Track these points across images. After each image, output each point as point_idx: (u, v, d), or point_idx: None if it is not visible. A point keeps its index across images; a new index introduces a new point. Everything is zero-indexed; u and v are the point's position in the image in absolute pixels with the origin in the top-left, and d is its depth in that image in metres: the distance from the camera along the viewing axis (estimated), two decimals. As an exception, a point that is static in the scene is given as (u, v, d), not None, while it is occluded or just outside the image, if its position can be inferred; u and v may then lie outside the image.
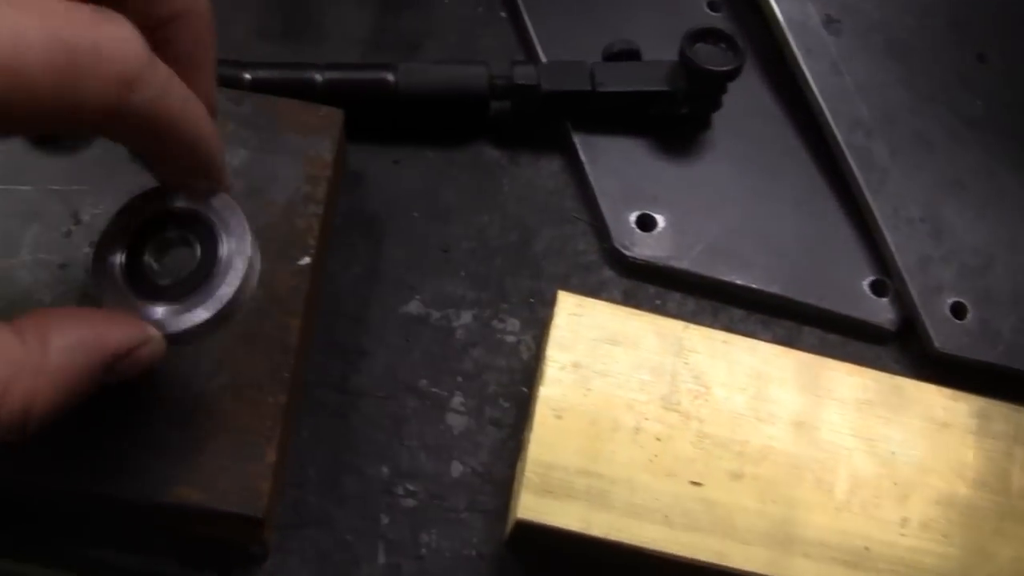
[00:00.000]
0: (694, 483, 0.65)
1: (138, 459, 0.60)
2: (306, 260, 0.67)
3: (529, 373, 0.72)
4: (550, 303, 0.71)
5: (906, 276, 0.75)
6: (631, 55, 0.78)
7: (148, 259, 0.56)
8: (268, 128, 0.70)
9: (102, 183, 0.67)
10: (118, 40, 0.43)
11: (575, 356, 0.67)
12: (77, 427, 0.60)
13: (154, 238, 0.56)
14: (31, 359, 0.46)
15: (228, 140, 0.69)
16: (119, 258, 0.55)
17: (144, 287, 0.55)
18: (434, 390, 0.71)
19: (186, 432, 0.61)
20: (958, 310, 0.75)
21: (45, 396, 0.46)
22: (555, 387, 0.66)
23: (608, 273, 0.76)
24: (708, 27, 0.76)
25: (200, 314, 0.54)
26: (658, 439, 0.66)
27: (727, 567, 0.64)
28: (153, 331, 0.53)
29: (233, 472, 0.61)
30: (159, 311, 0.54)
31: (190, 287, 0.55)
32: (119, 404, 0.61)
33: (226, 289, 0.55)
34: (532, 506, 0.63)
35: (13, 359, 0.45)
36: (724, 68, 0.75)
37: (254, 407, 0.62)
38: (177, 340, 0.55)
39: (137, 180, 0.65)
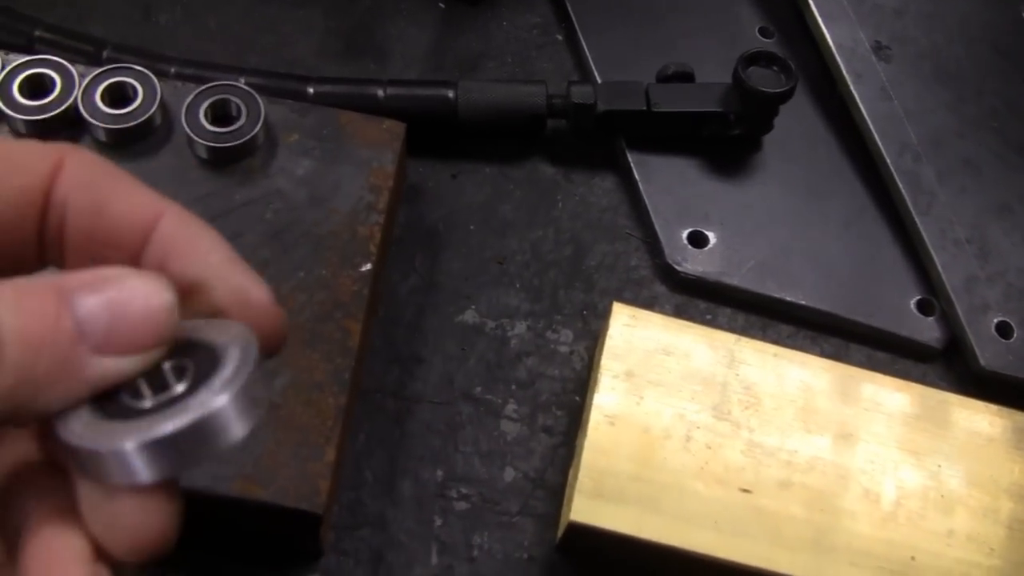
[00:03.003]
0: (743, 490, 0.66)
1: (202, 454, 0.62)
2: (367, 266, 0.68)
3: (581, 383, 0.73)
4: (603, 316, 0.72)
5: (953, 296, 0.76)
6: (685, 77, 0.80)
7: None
8: (332, 139, 0.72)
9: (169, 190, 0.68)
10: None
11: (628, 365, 0.69)
12: None
13: None
14: None
15: (293, 150, 0.71)
16: None
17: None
18: (488, 397, 0.73)
19: (248, 429, 0.63)
20: (1004, 329, 0.76)
21: None
22: (609, 395, 0.68)
23: (660, 288, 0.78)
24: (761, 51, 0.77)
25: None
26: (708, 447, 0.67)
27: (774, 572, 0.65)
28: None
29: (293, 469, 0.62)
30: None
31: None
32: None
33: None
34: (585, 509, 0.64)
35: None
36: (776, 90, 0.77)
37: (315, 407, 0.64)
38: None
39: (204, 187, 0.67)
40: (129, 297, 0.39)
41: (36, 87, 0.70)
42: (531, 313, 0.76)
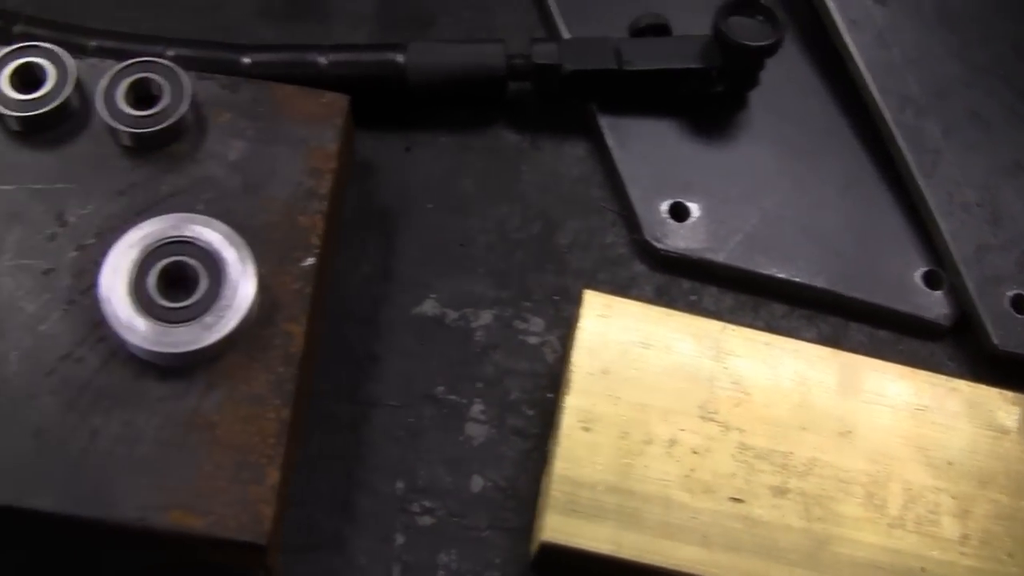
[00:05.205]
0: (734, 499, 0.61)
1: (128, 481, 0.56)
2: (310, 261, 0.62)
3: (554, 378, 0.67)
4: (576, 301, 0.67)
5: (962, 267, 0.70)
6: (660, 30, 0.74)
7: (153, 281, 0.59)
8: (267, 117, 0.66)
9: (89, 181, 0.63)
10: None
11: (604, 362, 0.63)
12: (63, 446, 0.57)
13: (159, 262, 0.60)
14: None
15: (224, 131, 0.65)
16: (127, 276, 0.59)
17: (149, 307, 0.59)
18: (452, 398, 0.67)
19: (181, 452, 0.57)
20: (1020, 303, 0.70)
21: None
22: (582, 396, 0.62)
23: (639, 267, 0.72)
24: (744, -2, 0.71)
25: (206, 336, 0.59)
26: (695, 452, 0.61)
27: (770, 591, 0.59)
28: None
29: (232, 495, 0.57)
30: (161, 330, 0.58)
31: (197, 312, 0.59)
32: (107, 421, 0.57)
33: (229, 322, 0.59)
34: (558, 527, 0.59)
35: None
36: (762, 43, 0.70)
37: (255, 424, 0.58)
38: (173, 361, 0.59)
39: (128, 177, 0.62)
40: None
41: (-65, 73, 0.64)
42: (497, 301, 0.70)
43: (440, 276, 0.70)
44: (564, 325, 0.69)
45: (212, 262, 0.60)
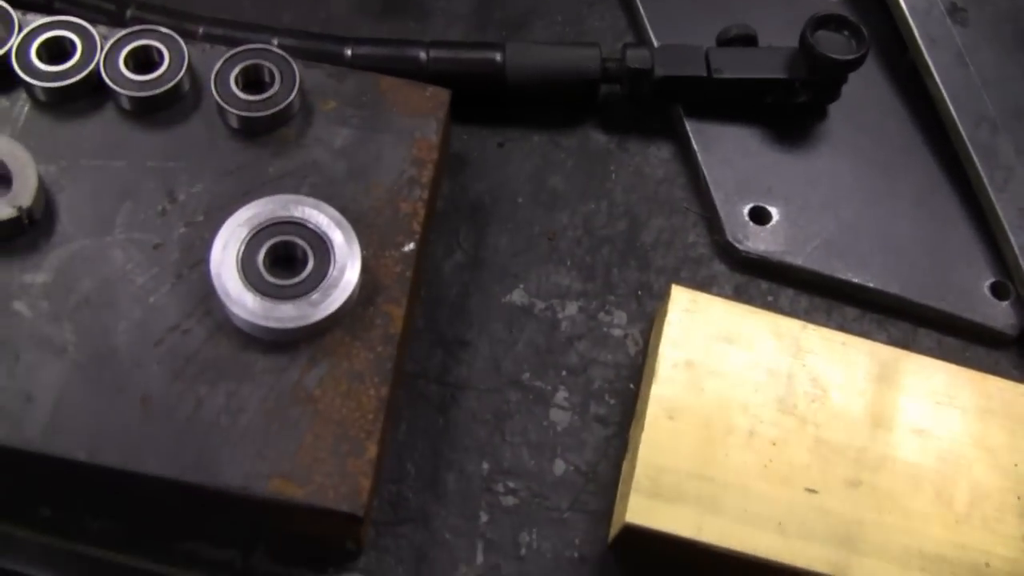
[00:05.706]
0: (809, 490, 0.62)
1: (231, 449, 0.59)
2: (410, 246, 0.64)
3: (636, 369, 0.69)
4: (658, 296, 0.69)
5: (1030, 279, 0.72)
6: (747, 40, 0.75)
7: (262, 258, 0.62)
8: (372, 107, 0.68)
9: (199, 161, 0.65)
10: None
11: (688, 354, 0.65)
12: (169, 414, 0.59)
13: (268, 240, 0.63)
14: None
15: (330, 118, 0.67)
16: (237, 253, 0.62)
17: (257, 283, 0.61)
18: (538, 384, 0.69)
19: (283, 423, 0.59)
20: (1086, 316, 0.71)
21: None
22: (668, 386, 0.64)
23: (719, 267, 0.74)
24: (830, 13, 0.73)
25: (312, 313, 0.61)
26: (773, 443, 0.63)
27: (841, 579, 0.61)
28: None
29: (332, 466, 0.59)
30: (269, 306, 0.61)
31: (304, 290, 0.62)
32: (212, 391, 0.60)
33: (335, 301, 0.61)
34: (642, 509, 0.61)
35: None
36: (847, 57, 0.72)
37: (355, 399, 0.60)
38: (278, 336, 0.61)
39: (236, 159, 0.64)
40: None
41: (56, 51, 0.66)
42: (583, 293, 0.72)
43: (529, 267, 0.72)
44: (646, 319, 0.71)
45: (319, 243, 0.62)
